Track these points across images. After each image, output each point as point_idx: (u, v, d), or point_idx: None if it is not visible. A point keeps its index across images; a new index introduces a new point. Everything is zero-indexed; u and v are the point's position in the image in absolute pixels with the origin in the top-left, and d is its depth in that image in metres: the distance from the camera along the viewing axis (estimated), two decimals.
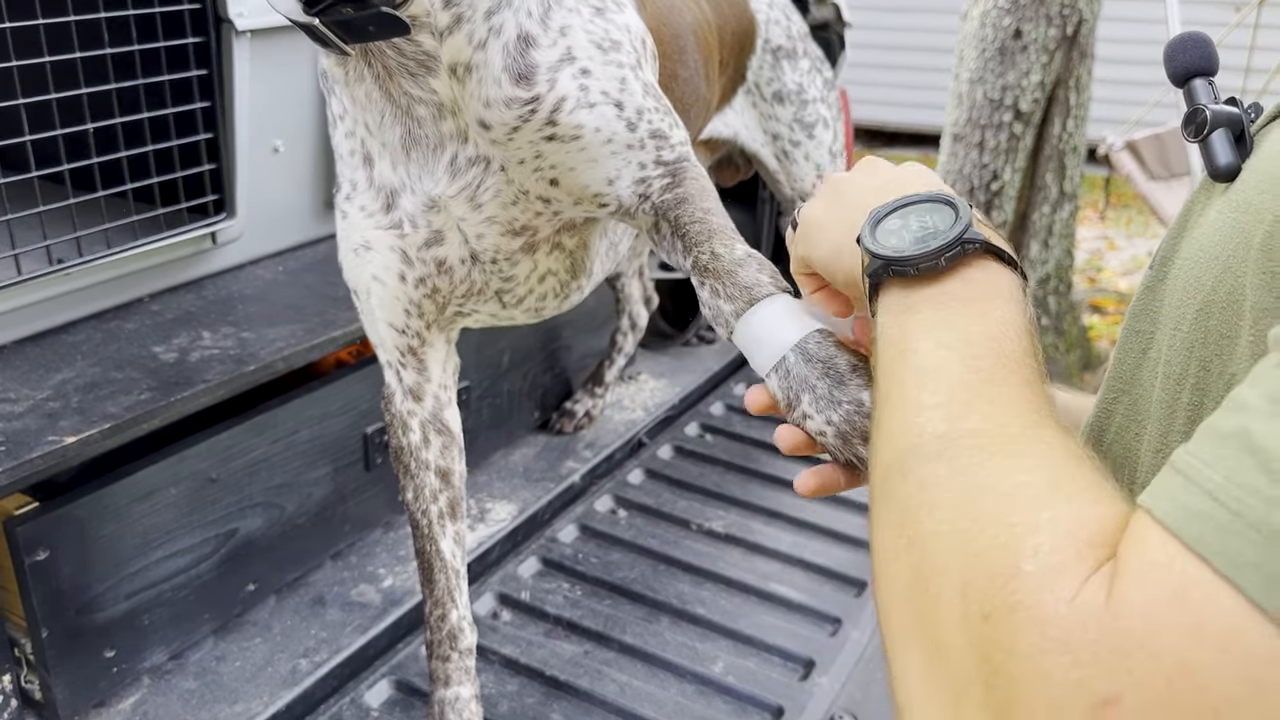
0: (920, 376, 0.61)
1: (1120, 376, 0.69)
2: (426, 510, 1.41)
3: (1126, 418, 0.68)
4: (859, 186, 0.78)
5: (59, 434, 1.39)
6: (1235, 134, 0.62)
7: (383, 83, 1.13)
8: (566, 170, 1.18)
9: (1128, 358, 0.69)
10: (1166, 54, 0.70)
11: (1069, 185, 4.89)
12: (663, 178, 1.19)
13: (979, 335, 0.62)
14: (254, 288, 1.90)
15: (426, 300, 1.29)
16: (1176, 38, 0.70)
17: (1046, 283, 5.01)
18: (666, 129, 1.21)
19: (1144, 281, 0.68)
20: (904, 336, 0.64)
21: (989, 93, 4.73)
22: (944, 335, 0.62)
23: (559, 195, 1.20)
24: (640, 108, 1.18)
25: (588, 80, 1.14)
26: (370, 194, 1.22)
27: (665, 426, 2.38)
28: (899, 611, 0.53)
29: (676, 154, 1.21)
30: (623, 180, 1.19)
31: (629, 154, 1.18)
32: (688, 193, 1.17)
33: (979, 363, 0.60)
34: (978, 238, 0.66)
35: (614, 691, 1.58)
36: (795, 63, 1.93)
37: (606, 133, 1.16)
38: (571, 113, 1.14)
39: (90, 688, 1.48)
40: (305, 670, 1.59)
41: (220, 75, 1.79)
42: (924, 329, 0.63)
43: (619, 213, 1.22)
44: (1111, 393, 0.70)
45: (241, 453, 1.63)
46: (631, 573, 1.86)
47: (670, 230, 1.15)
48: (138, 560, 1.51)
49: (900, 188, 0.75)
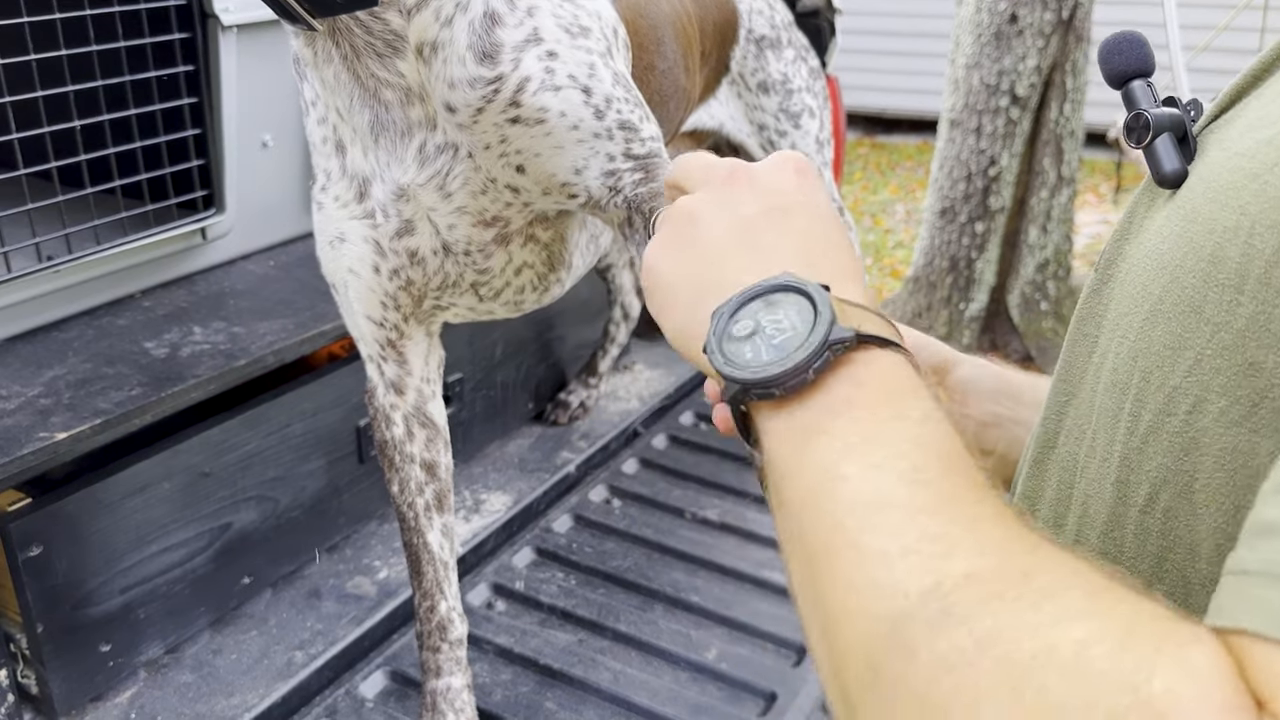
0: (865, 515, 0.47)
1: (1069, 379, 0.65)
2: (413, 503, 1.42)
3: (1074, 422, 0.64)
4: (715, 228, 0.63)
5: (50, 430, 1.40)
6: (1178, 136, 0.59)
7: (350, 64, 1.13)
8: (532, 156, 1.17)
9: (1075, 361, 0.64)
10: (1101, 56, 0.66)
11: (1067, 170, 4.88)
12: (634, 172, 1.19)
13: (909, 445, 0.50)
14: (245, 282, 1.91)
15: (402, 292, 1.29)
16: (1110, 38, 0.67)
17: (1045, 268, 5.01)
18: (637, 121, 1.20)
19: (1089, 284, 0.64)
20: (818, 467, 0.51)
21: (985, 78, 4.72)
22: (869, 455, 0.50)
23: (527, 184, 1.20)
24: (609, 96, 1.17)
25: (554, 63, 1.14)
26: (344, 183, 1.22)
27: (660, 416, 2.39)
28: None
29: (647, 149, 1.20)
30: (590, 171, 1.18)
31: (596, 143, 1.17)
32: (660, 187, 1.17)
33: (927, 478, 0.48)
34: (844, 335, 0.53)
35: (608, 680, 1.59)
36: (779, 52, 1.93)
37: (572, 118, 1.15)
38: (535, 94, 1.13)
39: (86, 682, 1.49)
40: (301, 662, 1.60)
41: (207, 71, 1.79)
42: (840, 453, 0.50)
43: (589, 205, 1.22)
44: (1061, 395, 0.65)
45: (234, 447, 1.64)
46: (626, 561, 1.87)
47: (643, 224, 1.16)
48: (132, 555, 1.51)
49: (760, 232, 0.62)
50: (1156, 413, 0.53)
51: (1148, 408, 0.54)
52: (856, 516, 0.47)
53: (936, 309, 5.06)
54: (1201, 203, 0.54)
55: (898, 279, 5.89)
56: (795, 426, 0.53)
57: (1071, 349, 0.65)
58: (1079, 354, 0.64)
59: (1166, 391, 0.52)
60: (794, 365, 0.52)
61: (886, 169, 8.00)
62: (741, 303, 0.57)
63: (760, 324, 0.56)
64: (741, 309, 0.57)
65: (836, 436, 0.51)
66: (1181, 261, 0.54)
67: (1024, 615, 0.40)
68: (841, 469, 0.49)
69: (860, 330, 0.54)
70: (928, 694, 0.40)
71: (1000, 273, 5.08)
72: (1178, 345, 0.52)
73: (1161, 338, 0.53)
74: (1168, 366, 0.52)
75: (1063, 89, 4.74)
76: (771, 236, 0.62)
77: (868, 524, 0.47)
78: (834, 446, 0.51)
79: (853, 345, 0.54)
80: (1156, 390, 0.53)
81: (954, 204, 4.94)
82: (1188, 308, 0.52)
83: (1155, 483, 0.53)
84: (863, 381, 0.53)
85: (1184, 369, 0.52)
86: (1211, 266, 0.51)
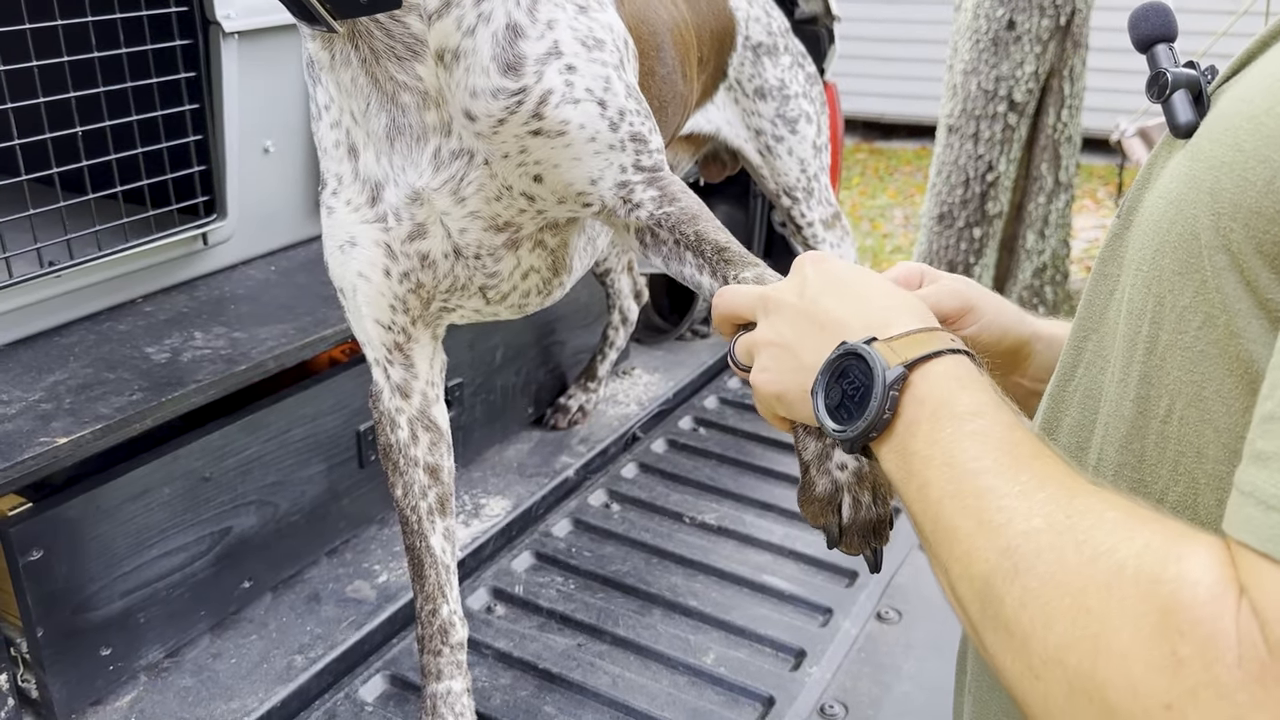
0: (947, 506, 0.64)
1: (1090, 317, 0.74)
2: (416, 507, 1.42)
3: (1094, 354, 0.73)
4: (786, 336, 0.81)
5: (51, 435, 1.41)
6: (1194, 94, 0.66)
7: (369, 67, 1.14)
8: (551, 167, 1.19)
9: (1096, 299, 0.73)
10: (1130, 23, 0.75)
11: (1064, 175, 4.89)
12: (646, 186, 1.21)
13: (967, 440, 0.65)
14: (246, 288, 1.91)
15: (411, 295, 1.30)
16: (1139, 7, 0.75)
17: (1043, 272, 5.02)
18: (647, 133, 1.22)
19: (1111, 229, 0.72)
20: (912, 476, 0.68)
21: (983, 84, 4.74)
22: (939, 458, 0.66)
23: (543, 193, 1.22)
24: (623, 109, 1.19)
25: (573, 76, 1.16)
26: (356, 187, 1.23)
27: (659, 420, 2.39)
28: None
29: (654, 160, 1.23)
30: (605, 181, 1.21)
31: (611, 154, 1.19)
32: (693, 209, 1.21)
33: (981, 466, 0.63)
34: (896, 375, 0.70)
35: (606, 684, 1.59)
36: (776, 59, 1.94)
37: (590, 130, 1.17)
38: (557, 107, 1.15)
39: (87, 686, 1.50)
40: (301, 666, 1.61)
41: (209, 77, 1.80)
42: (924, 462, 0.67)
43: (602, 213, 1.24)
44: (1081, 332, 0.74)
45: (235, 451, 1.64)
46: (624, 566, 1.87)
47: (679, 243, 1.18)
48: (132, 559, 1.52)
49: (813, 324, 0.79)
50: (1172, 331, 0.62)
51: (1164, 328, 0.62)
52: (945, 507, 0.63)
53: None
54: (1204, 143, 0.61)
55: None
56: (893, 450, 0.70)
57: (1093, 289, 0.74)
58: (1100, 293, 0.73)
59: (1178, 311, 0.61)
60: (873, 417, 0.70)
61: (885, 174, 8.01)
62: (824, 381, 0.76)
63: (844, 390, 0.74)
64: (826, 385, 0.76)
65: (916, 453, 0.68)
66: (1185, 194, 0.61)
67: (1068, 555, 0.54)
68: (926, 475, 0.66)
69: (907, 360, 0.71)
70: (1017, 621, 0.56)
71: (998, 278, 5.09)
72: (1184, 270, 0.61)
73: (1170, 264, 0.62)
74: (1178, 289, 0.61)
75: (1060, 95, 4.76)
76: (822, 320, 0.79)
77: (947, 513, 0.63)
78: (917, 458, 0.68)
79: (906, 377, 0.70)
80: (1169, 310, 0.62)
81: (952, 209, 4.95)
82: (1190, 235, 0.60)
83: (1173, 394, 0.62)
84: (923, 399, 0.70)
85: (1192, 290, 0.60)
86: (1211, 198, 0.59)
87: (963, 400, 0.68)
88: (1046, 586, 0.54)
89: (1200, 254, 0.59)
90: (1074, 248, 5.58)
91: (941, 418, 0.68)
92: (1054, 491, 0.59)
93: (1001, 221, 4.91)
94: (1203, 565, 0.50)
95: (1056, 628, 0.53)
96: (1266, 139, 0.56)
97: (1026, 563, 0.56)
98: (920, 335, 0.73)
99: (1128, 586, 0.51)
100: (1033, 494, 0.59)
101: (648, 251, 1.22)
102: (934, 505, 0.65)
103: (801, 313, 0.81)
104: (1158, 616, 0.49)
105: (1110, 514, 0.55)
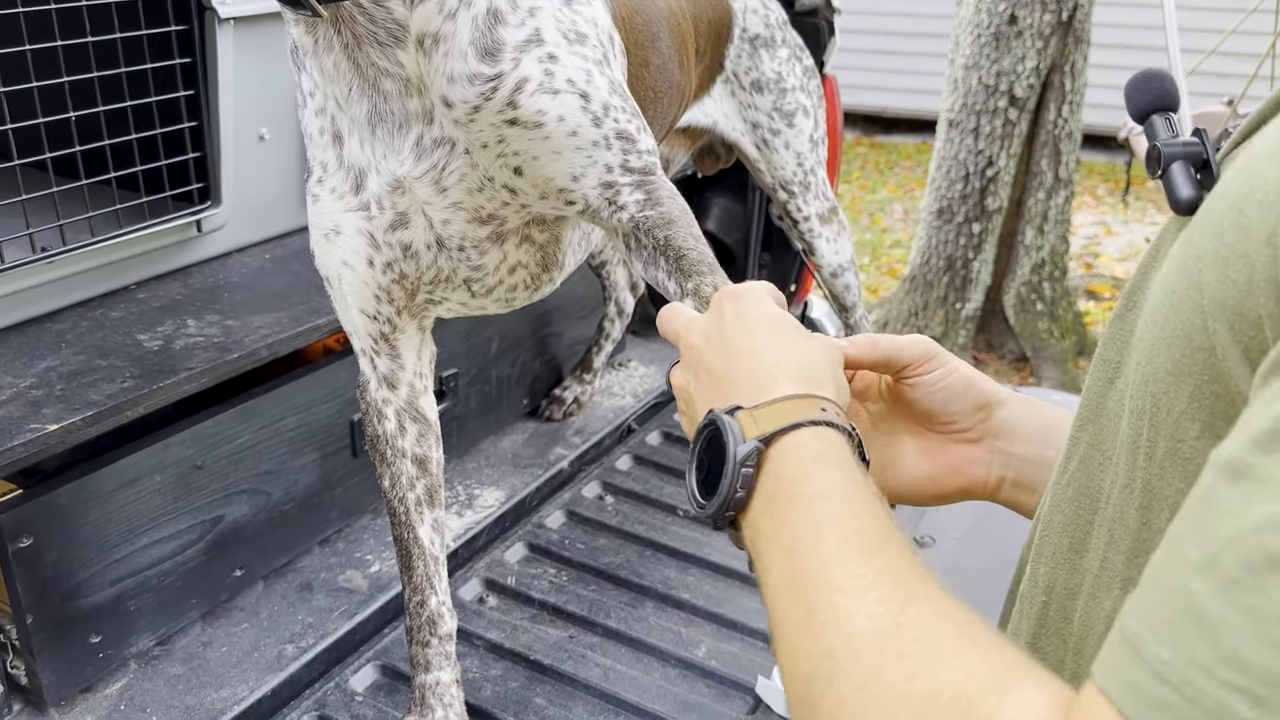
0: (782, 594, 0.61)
1: (1088, 405, 0.68)
2: (404, 498, 1.42)
3: (1091, 446, 0.67)
4: (701, 390, 0.79)
5: (42, 421, 1.40)
6: (1199, 165, 0.61)
7: (351, 52, 1.13)
8: (530, 159, 1.17)
9: (1095, 386, 0.68)
10: (1126, 92, 0.70)
11: (1064, 171, 4.88)
12: (634, 189, 1.20)
13: (806, 524, 0.63)
14: (240, 275, 1.91)
15: (395, 286, 1.29)
16: (1135, 76, 0.70)
17: (1041, 268, 5.01)
18: (634, 132, 1.20)
19: (1115, 309, 0.67)
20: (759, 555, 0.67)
21: (984, 78, 4.73)
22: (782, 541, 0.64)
23: (524, 186, 1.20)
24: (606, 104, 1.17)
25: (553, 66, 1.14)
26: (340, 174, 1.22)
27: (654, 413, 2.39)
28: None
29: (644, 162, 1.21)
30: (588, 179, 1.19)
31: (595, 152, 1.17)
32: (672, 214, 1.19)
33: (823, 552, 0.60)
34: (749, 450, 0.68)
35: (598, 675, 1.59)
36: (774, 51, 1.93)
37: (571, 124, 1.16)
38: (533, 95, 1.13)
39: (77, 673, 1.49)
40: (291, 655, 1.60)
41: (204, 63, 1.79)
42: (769, 542, 0.65)
43: (586, 213, 1.22)
44: (1079, 421, 0.69)
45: (227, 440, 1.64)
46: (617, 558, 1.87)
47: (655, 248, 1.17)
48: (123, 546, 1.51)
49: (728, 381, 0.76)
50: (1169, 439, 0.55)
51: (1162, 434, 0.56)
52: (782, 595, 0.61)
53: (933, 309, 5.07)
54: (1195, 229, 0.55)
55: (895, 278, 5.89)
56: (749, 528, 0.68)
57: (1093, 374, 0.68)
58: (1098, 379, 0.67)
59: (1174, 417, 0.55)
60: (725, 495, 0.69)
61: (885, 168, 8.01)
62: (694, 450, 0.75)
63: (709, 464, 0.72)
64: (698, 457, 0.74)
65: (764, 533, 0.66)
66: (1176, 287, 0.55)
67: (886, 668, 0.51)
68: (770, 558, 0.64)
69: (765, 434, 0.68)
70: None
71: (996, 273, 5.09)
72: (1179, 372, 0.54)
73: (1165, 364, 0.55)
74: (1173, 393, 0.55)
75: (1061, 90, 4.74)
76: (717, 375, 0.77)
77: (783, 601, 0.61)
78: (764, 539, 0.66)
79: (763, 451, 0.68)
80: (1165, 415, 0.55)
81: (951, 204, 4.94)
82: (1182, 334, 0.54)
83: (1174, 508, 0.54)
84: (776, 475, 0.67)
85: (1187, 395, 0.54)
86: (1198, 293, 0.52)
87: (813, 479, 0.65)
88: (858, 698, 0.52)
89: (1195, 356, 0.53)
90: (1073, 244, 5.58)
91: (790, 497, 0.65)
92: (889, 591, 0.56)
93: (1001, 217, 4.90)
94: (1024, 705, 0.46)
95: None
96: (1244, 232, 0.49)
97: (843, 669, 0.53)
98: (787, 404, 0.70)
99: (939, 715, 0.48)
100: (866, 591, 0.56)
101: (632, 256, 1.21)
102: (773, 591, 0.62)
103: (703, 362, 0.80)
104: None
105: (942, 629, 0.52)
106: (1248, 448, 0.42)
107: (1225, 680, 0.39)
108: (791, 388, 0.72)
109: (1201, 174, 0.60)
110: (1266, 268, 0.47)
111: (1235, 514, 0.41)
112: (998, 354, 5.09)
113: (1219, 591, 0.40)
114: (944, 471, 0.90)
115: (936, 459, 0.91)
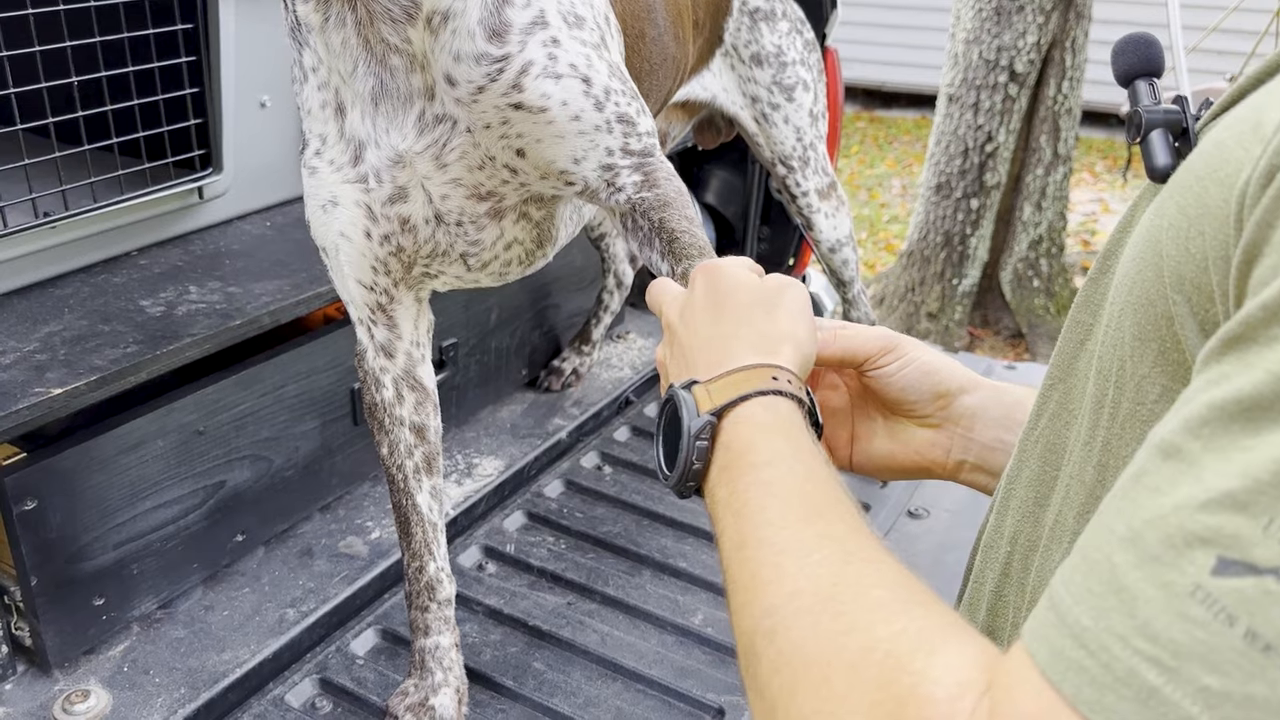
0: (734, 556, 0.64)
1: (1059, 365, 0.70)
2: (402, 465, 1.43)
3: (1060, 405, 0.70)
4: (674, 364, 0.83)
5: (46, 386, 1.41)
6: (1178, 132, 0.61)
7: (363, 29, 1.13)
8: (533, 142, 1.18)
9: (1066, 347, 0.70)
10: (1112, 55, 0.71)
11: (1063, 148, 4.88)
12: (633, 171, 1.21)
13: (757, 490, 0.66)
14: (241, 243, 1.91)
15: (392, 258, 1.30)
16: (1122, 39, 0.71)
17: (1039, 245, 5.02)
18: (634, 115, 1.21)
19: (1090, 272, 0.69)
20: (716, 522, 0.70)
21: (984, 53, 4.71)
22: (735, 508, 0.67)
23: (525, 167, 1.21)
24: (607, 88, 1.19)
25: (556, 50, 1.15)
26: (340, 147, 1.23)
27: (652, 384, 2.40)
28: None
29: (644, 144, 1.22)
30: (589, 162, 1.20)
31: (596, 135, 1.19)
32: (668, 196, 1.20)
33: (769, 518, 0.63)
34: (701, 424, 0.72)
35: (595, 641, 1.61)
36: (774, 25, 1.93)
37: (574, 108, 1.17)
38: (538, 80, 1.14)
39: (80, 635, 1.51)
40: (293, 619, 1.62)
41: (206, 29, 1.78)
42: (724, 507, 0.69)
43: (585, 194, 1.24)
44: (1049, 380, 0.72)
45: (229, 406, 1.65)
46: (615, 527, 1.89)
47: (650, 230, 1.19)
48: (126, 510, 1.53)
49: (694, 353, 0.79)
50: (1132, 400, 0.57)
51: (1125, 395, 0.58)
52: (732, 558, 0.64)
53: (930, 284, 5.07)
54: (1165, 198, 0.56)
55: (892, 253, 5.89)
56: (709, 497, 0.72)
57: (1065, 335, 0.69)
58: (1070, 340, 0.68)
59: (1137, 379, 0.57)
60: (683, 467, 0.72)
61: (884, 143, 7.99)
62: (659, 424, 0.78)
63: (668, 435, 0.76)
64: (663, 430, 0.77)
65: (719, 500, 0.70)
66: (1144, 254, 0.56)
67: (823, 624, 0.54)
68: (724, 523, 0.67)
69: (717, 407, 0.72)
70: (769, 685, 0.55)
71: (993, 249, 5.09)
72: (1144, 336, 0.56)
73: (1131, 328, 0.57)
74: (1137, 356, 0.57)
75: (1062, 66, 4.73)
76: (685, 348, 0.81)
77: (733, 564, 0.64)
78: (719, 505, 0.69)
79: (715, 425, 0.72)
80: (1130, 377, 0.57)
81: (950, 179, 4.94)
82: (1147, 300, 0.55)
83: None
84: (729, 445, 0.71)
85: (1150, 359, 0.56)
86: (1160, 262, 0.54)
87: (760, 448, 0.69)
88: (797, 654, 0.54)
89: (1158, 322, 0.55)
90: (1071, 221, 5.58)
91: (741, 466, 0.68)
92: (830, 553, 0.58)
93: (999, 193, 4.90)
94: (950, 664, 0.48)
95: (798, 698, 0.52)
96: (1204, 208, 0.50)
97: (784, 625, 0.55)
98: (741, 374, 0.73)
99: (872, 669, 0.49)
100: (809, 553, 0.59)
101: (628, 235, 1.23)
102: (725, 555, 0.65)
103: (676, 337, 0.83)
104: (893, 706, 0.47)
105: (877, 591, 0.54)
106: (1180, 430, 0.44)
107: (1137, 649, 0.41)
108: (749, 357, 0.75)
109: (1180, 142, 0.61)
110: (1222, 245, 0.49)
111: (1161, 493, 0.43)
112: (994, 329, 5.10)
113: (1138, 565, 0.42)
114: (905, 451, 0.95)
115: (899, 439, 0.95)
